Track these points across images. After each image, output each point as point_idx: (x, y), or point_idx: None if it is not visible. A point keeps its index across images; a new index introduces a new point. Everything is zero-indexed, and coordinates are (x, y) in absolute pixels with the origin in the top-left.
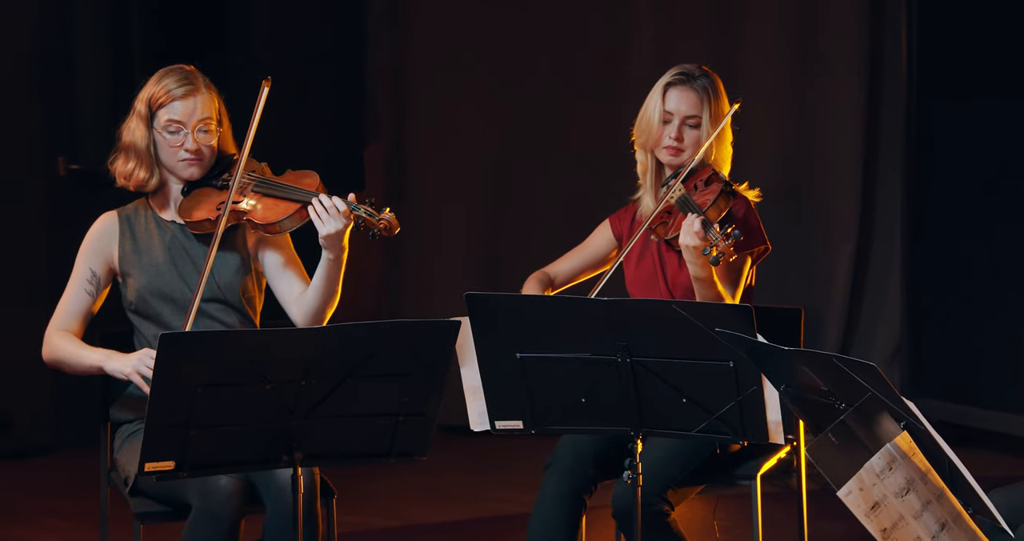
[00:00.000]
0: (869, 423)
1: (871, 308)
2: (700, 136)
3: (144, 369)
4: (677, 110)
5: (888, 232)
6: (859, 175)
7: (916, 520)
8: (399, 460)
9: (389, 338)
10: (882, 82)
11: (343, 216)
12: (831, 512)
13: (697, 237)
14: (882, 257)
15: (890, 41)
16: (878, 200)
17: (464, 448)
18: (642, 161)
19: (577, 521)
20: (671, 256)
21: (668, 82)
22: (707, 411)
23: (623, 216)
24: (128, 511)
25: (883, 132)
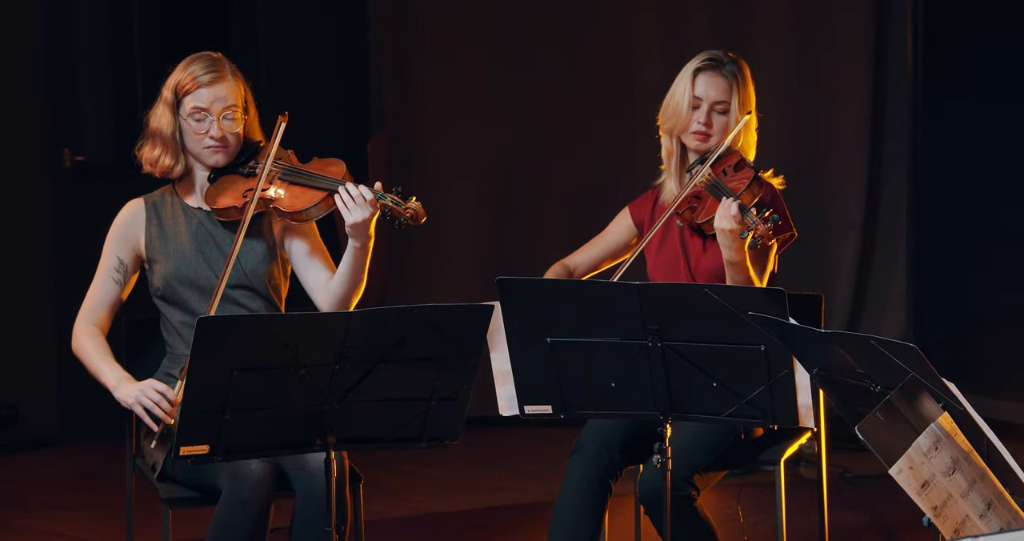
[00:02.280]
0: (912, 403)
1: (876, 296)
2: (728, 122)
3: (145, 401)
4: (706, 95)
5: (894, 220)
6: (865, 163)
7: (964, 499)
8: (430, 445)
9: (422, 323)
10: (888, 69)
11: (370, 205)
12: (847, 500)
13: (734, 221)
14: (888, 245)
15: (896, 27)
16: (884, 188)
17: (478, 440)
18: (667, 146)
19: (603, 506)
20: (695, 241)
21: (698, 67)
22: (737, 395)
23: (643, 203)
24: (149, 499)
25: (889, 119)
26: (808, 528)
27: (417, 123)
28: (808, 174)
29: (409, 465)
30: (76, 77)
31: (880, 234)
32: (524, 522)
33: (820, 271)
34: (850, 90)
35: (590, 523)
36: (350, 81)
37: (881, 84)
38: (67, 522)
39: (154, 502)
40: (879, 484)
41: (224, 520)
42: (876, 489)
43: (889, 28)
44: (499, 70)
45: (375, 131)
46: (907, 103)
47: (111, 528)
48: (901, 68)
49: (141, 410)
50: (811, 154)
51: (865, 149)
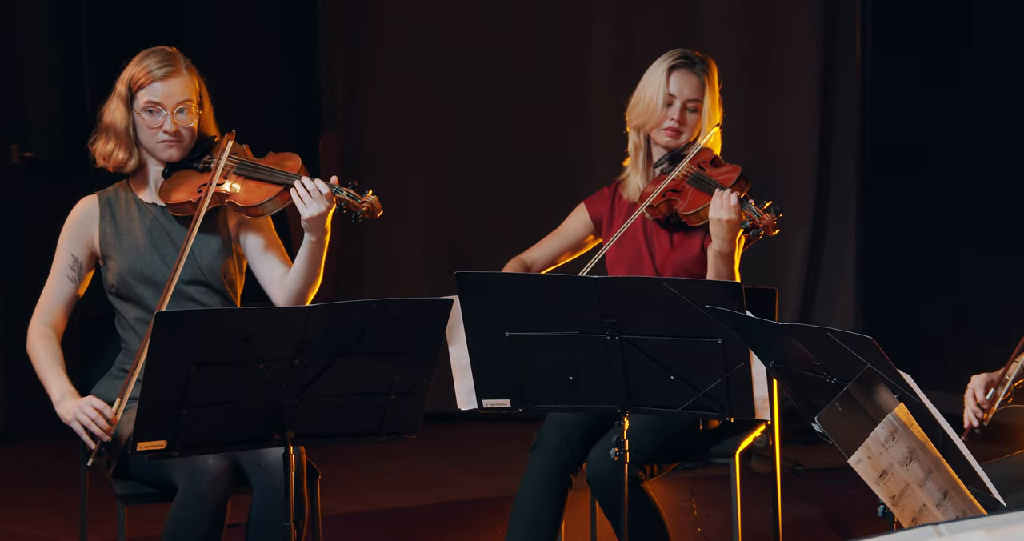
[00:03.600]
0: (869, 394)
1: (826, 291)
2: (699, 120)
3: (83, 417)
4: (680, 93)
5: (843, 216)
6: (815, 160)
7: (921, 488)
8: (389, 439)
9: (381, 317)
10: (837, 67)
11: (326, 198)
12: (799, 493)
13: (733, 211)
14: (837, 241)
15: (845, 26)
16: (833, 185)
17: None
18: (634, 142)
19: (563, 500)
20: (662, 236)
21: (672, 64)
22: (694, 388)
23: (600, 199)
24: (104, 495)
25: (838, 117)
26: (761, 520)
27: (369, 120)
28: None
29: (363, 461)
30: (23, 72)
31: (829, 230)
32: (479, 518)
33: (771, 267)
34: (799, 89)
35: (551, 517)
36: (301, 78)
37: (830, 82)
38: (20, 521)
39: (109, 499)
40: (830, 477)
41: (181, 516)
42: (827, 482)
43: (838, 26)
44: (451, 68)
45: (326, 128)
46: (856, 99)
47: (65, 526)
48: (850, 66)
49: (79, 427)
50: (761, 152)
51: (814, 147)
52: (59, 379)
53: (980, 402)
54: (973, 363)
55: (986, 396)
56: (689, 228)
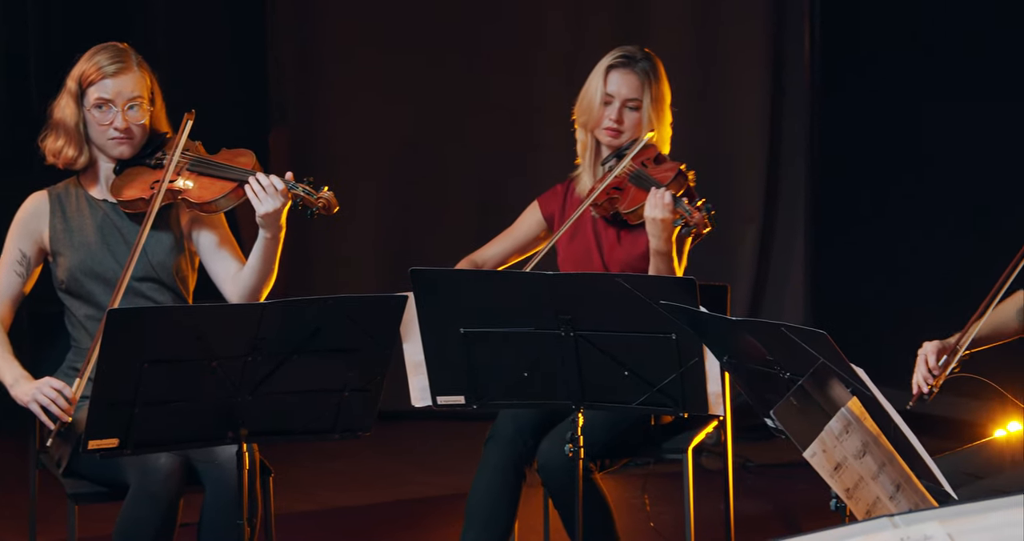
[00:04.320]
0: (822, 389)
1: (775, 287)
2: (640, 118)
3: (42, 398)
4: (618, 93)
5: (792, 212)
6: (764, 156)
7: (874, 481)
8: (343, 436)
9: (336, 314)
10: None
11: (281, 195)
12: (749, 489)
13: (667, 210)
14: (786, 237)
15: (793, 22)
16: (782, 181)
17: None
18: (582, 140)
19: (518, 491)
20: (609, 232)
21: (611, 64)
22: (649, 383)
23: (552, 197)
24: (54, 495)
25: (787, 113)
26: (713, 516)
27: (319, 117)
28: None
29: (315, 460)
30: None
31: (779, 226)
32: (431, 516)
33: (722, 263)
34: (748, 86)
35: (506, 508)
36: (250, 74)
37: (779, 77)
38: None
39: (59, 498)
40: (780, 473)
41: (132, 515)
42: (777, 477)
43: (787, 22)
44: (401, 65)
45: (276, 124)
46: (804, 96)
47: (15, 526)
48: (798, 61)
49: (38, 408)
50: (711, 149)
51: (763, 144)
52: (10, 365)
53: (932, 368)
54: None
55: (938, 363)
56: (633, 225)
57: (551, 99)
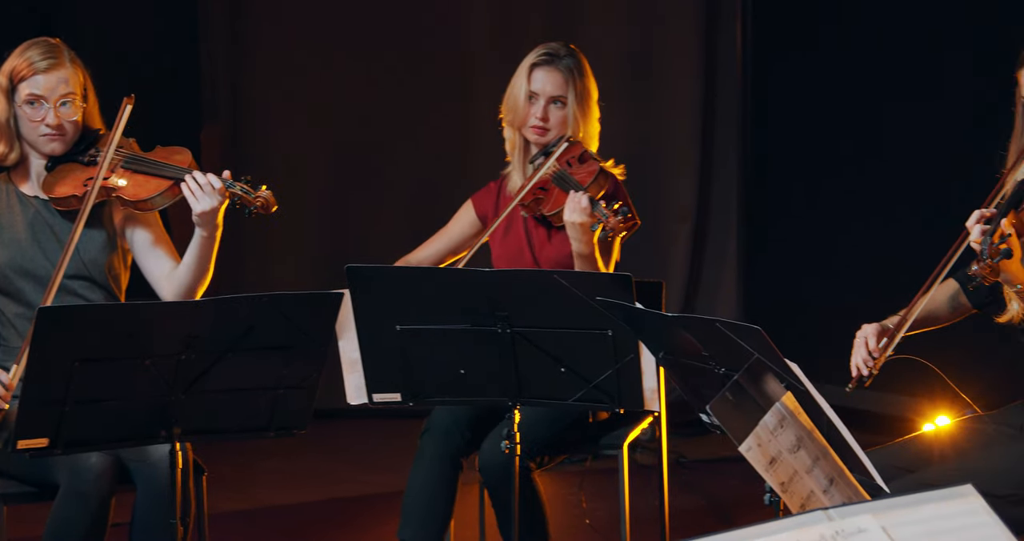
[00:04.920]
0: (757, 384)
1: (708, 284)
2: (566, 115)
3: None
4: (542, 90)
5: (725, 211)
6: (697, 155)
7: (808, 475)
8: (278, 434)
9: (271, 311)
10: (718, 61)
11: (218, 193)
12: (683, 484)
13: (584, 214)
14: (719, 235)
15: (726, 21)
16: (715, 180)
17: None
18: (510, 138)
19: (454, 483)
20: (539, 231)
21: (534, 62)
22: (585, 380)
23: (486, 195)
24: None
25: (719, 115)
26: (648, 511)
27: (251, 114)
28: (642, 166)
29: (249, 459)
30: None
31: (712, 224)
32: (367, 514)
33: (655, 261)
34: (682, 82)
35: (444, 500)
36: (182, 70)
37: (711, 76)
38: None
39: None
40: (713, 468)
41: (62, 515)
42: (710, 473)
43: (719, 20)
44: (335, 64)
45: (207, 121)
46: (737, 96)
47: None
48: (731, 64)
49: None
50: (645, 149)
51: (696, 143)
52: None
53: (872, 350)
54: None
55: (878, 345)
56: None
57: (485, 98)
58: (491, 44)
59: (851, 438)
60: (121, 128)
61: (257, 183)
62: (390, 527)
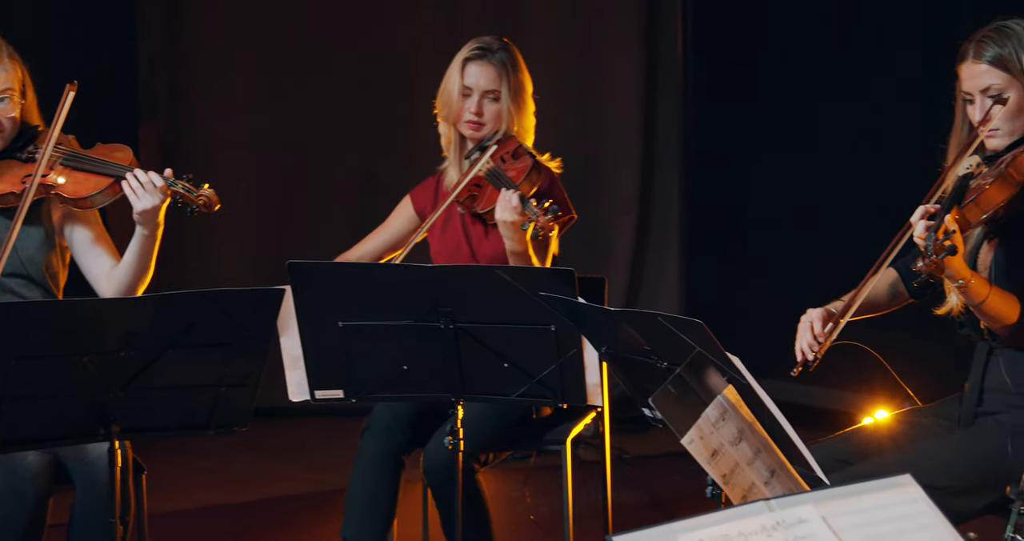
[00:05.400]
0: (699, 377)
1: (651, 279)
2: (501, 109)
3: None
4: (476, 85)
5: (667, 205)
6: (640, 148)
7: (750, 467)
8: (219, 432)
9: (211, 307)
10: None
11: (160, 191)
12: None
13: (515, 212)
14: (661, 229)
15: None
16: (656, 174)
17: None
18: (445, 133)
19: (396, 481)
20: (477, 227)
21: (467, 57)
22: (528, 375)
23: (424, 190)
24: None
25: (660, 110)
26: (591, 507)
27: (191, 112)
28: (584, 159)
29: (187, 458)
30: None
31: (654, 219)
32: (307, 513)
33: (597, 255)
34: (624, 75)
35: (387, 497)
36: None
37: (653, 68)
38: None
39: None
40: (655, 464)
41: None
42: (653, 469)
43: (661, 11)
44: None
45: (145, 119)
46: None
47: None
48: (672, 54)
49: None
50: (587, 139)
51: (639, 134)
52: None
53: (817, 335)
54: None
55: (823, 329)
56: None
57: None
58: (431, 40)
59: (792, 431)
60: (64, 114)
61: (199, 181)
62: (332, 526)
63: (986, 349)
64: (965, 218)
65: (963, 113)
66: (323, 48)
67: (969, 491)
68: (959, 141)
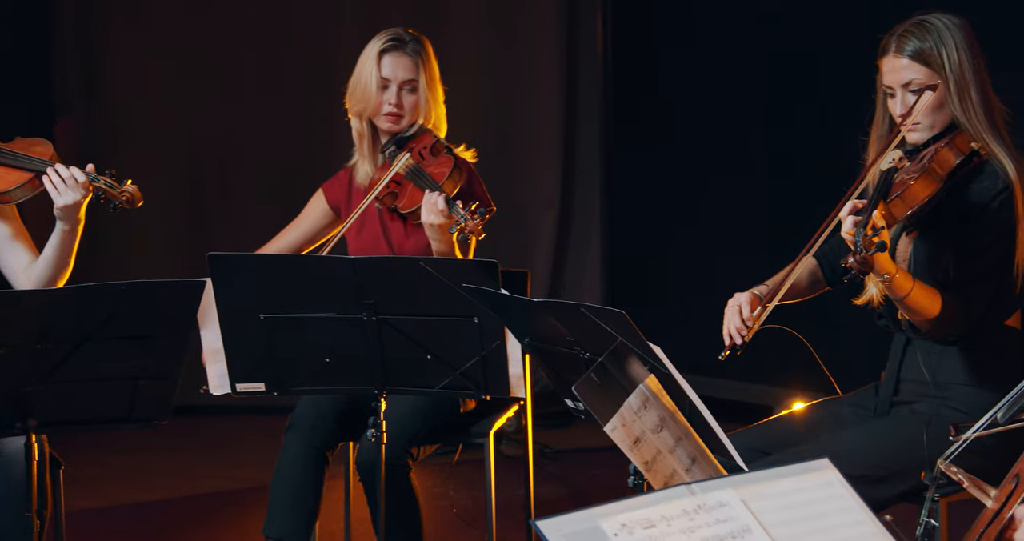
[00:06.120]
0: (622, 366)
1: (573, 272)
2: (417, 100)
3: None
4: (394, 76)
5: (588, 198)
6: (561, 141)
7: (671, 454)
8: (139, 425)
9: (131, 299)
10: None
11: (82, 187)
12: (547, 474)
13: (442, 216)
14: (583, 224)
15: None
16: (578, 168)
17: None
18: (357, 128)
19: (321, 477)
20: (396, 224)
21: (382, 48)
22: (451, 367)
23: (337, 184)
24: None
25: (581, 105)
26: (513, 500)
27: (108, 107)
28: (505, 153)
29: (103, 455)
30: None
31: (575, 212)
32: (229, 510)
33: (518, 248)
34: (544, 69)
35: (311, 493)
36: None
37: (573, 63)
38: None
39: None
40: (575, 458)
41: None
42: (573, 463)
43: (580, 8)
44: (192, 57)
45: (62, 114)
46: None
47: None
48: (592, 54)
49: None
50: (509, 139)
51: (559, 128)
52: None
53: (746, 319)
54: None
55: (752, 313)
56: None
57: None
58: (356, 33)
59: (712, 419)
60: None
61: (123, 177)
62: (254, 522)
63: (903, 340)
64: (891, 214)
65: (884, 107)
66: (243, 47)
67: (885, 479)
68: (880, 134)
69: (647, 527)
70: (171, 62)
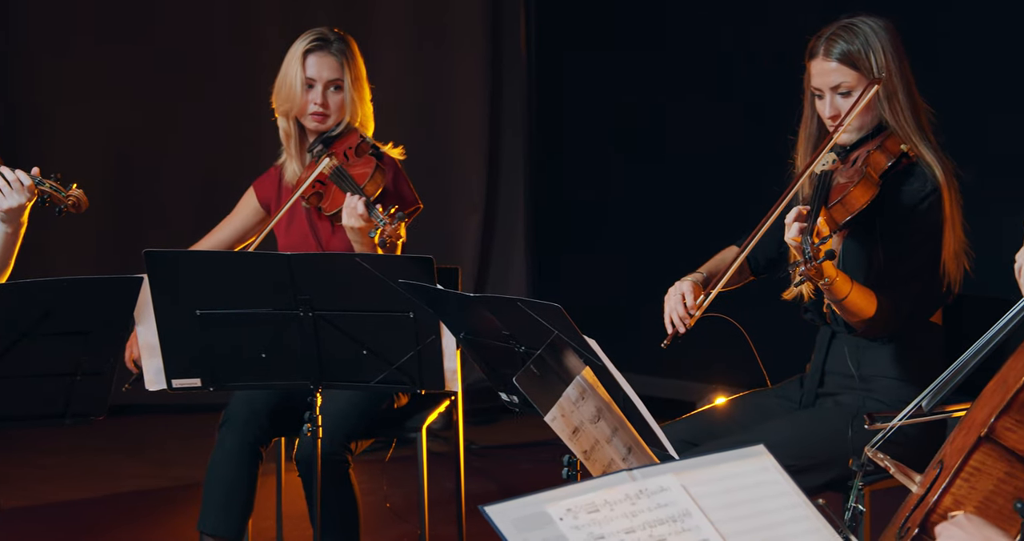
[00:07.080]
0: (559, 359)
1: (499, 271)
2: (344, 99)
3: None
4: (319, 75)
5: (513, 203)
6: (485, 150)
7: (608, 444)
8: (75, 421)
9: (68, 295)
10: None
11: (27, 190)
12: (475, 470)
13: (362, 219)
14: (508, 227)
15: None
16: (503, 170)
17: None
18: (284, 128)
19: (255, 473)
20: (324, 223)
21: (307, 48)
22: (387, 362)
23: (267, 181)
24: None
25: (505, 112)
26: (443, 495)
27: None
28: (432, 163)
29: (29, 455)
30: None
31: (500, 211)
32: (156, 507)
33: (445, 247)
34: (469, 86)
35: (244, 491)
36: None
37: (498, 79)
38: None
39: None
40: (503, 454)
41: None
42: (501, 459)
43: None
44: (119, 58)
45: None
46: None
47: None
48: (516, 60)
49: None
50: (435, 145)
51: (484, 138)
52: None
53: (689, 308)
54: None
55: (695, 301)
56: None
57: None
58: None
59: (645, 410)
60: None
61: (68, 181)
62: (185, 519)
63: (828, 333)
64: (832, 219)
65: (812, 107)
66: (169, 48)
67: (810, 469)
68: (809, 133)
69: (591, 511)
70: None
